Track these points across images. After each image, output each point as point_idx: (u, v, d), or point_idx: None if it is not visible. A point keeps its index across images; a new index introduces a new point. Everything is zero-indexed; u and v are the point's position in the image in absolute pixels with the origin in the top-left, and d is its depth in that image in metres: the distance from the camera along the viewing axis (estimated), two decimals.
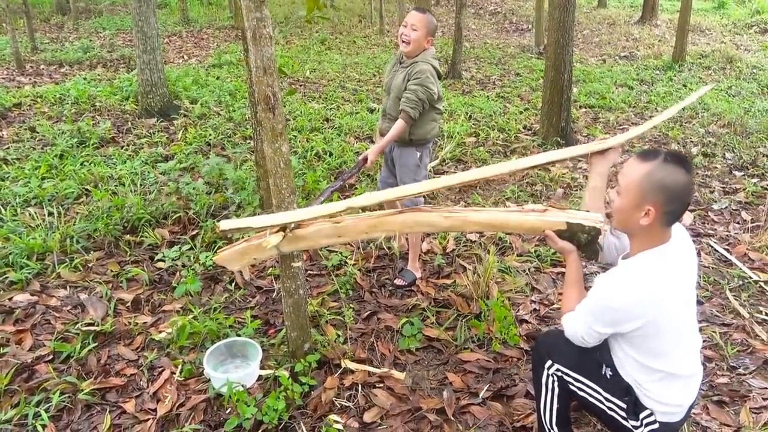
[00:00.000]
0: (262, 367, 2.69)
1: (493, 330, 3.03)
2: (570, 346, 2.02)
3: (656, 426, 1.87)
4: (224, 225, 2.35)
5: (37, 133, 5.81)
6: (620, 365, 1.94)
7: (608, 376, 1.97)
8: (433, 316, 3.18)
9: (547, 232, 2.10)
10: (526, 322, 3.20)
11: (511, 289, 3.42)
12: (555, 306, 3.33)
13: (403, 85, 3.16)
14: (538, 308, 3.33)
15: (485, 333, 3.04)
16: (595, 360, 2.01)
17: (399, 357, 2.90)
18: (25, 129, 5.95)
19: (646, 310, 1.75)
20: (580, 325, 1.92)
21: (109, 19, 14.16)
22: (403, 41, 3.17)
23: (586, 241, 2.05)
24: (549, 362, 2.07)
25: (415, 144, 3.25)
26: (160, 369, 2.77)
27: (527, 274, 3.63)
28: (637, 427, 1.90)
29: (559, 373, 2.06)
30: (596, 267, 3.67)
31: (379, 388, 2.67)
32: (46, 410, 2.47)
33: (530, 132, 6.50)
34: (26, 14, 10.42)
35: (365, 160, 3.23)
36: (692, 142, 6.22)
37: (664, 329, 1.78)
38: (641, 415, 1.88)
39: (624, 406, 1.92)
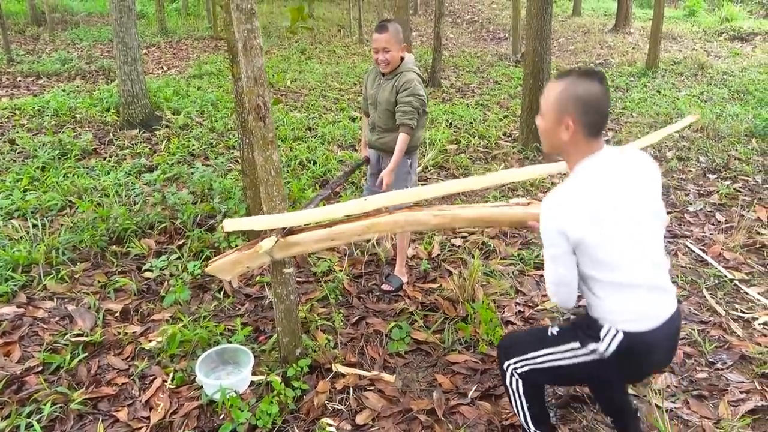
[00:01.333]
0: (253, 373, 2.72)
1: (480, 332, 3.10)
2: (518, 337, 2.15)
3: (621, 337, 1.82)
4: (228, 225, 2.41)
5: (17, 145, 5.77)
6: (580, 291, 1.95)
7: (554, 333, 2.01)
8: (420, 319, 3.24)
9: (530, 223, 2.19)
10: (512, 323, 3.27)
11: (496, 292, 3.50)
12: (539, 307, 3.41)
13: (392, 96, 3.21)
14: (522, 310, 3.40)
15: (472, 335, 3.11)
16: (536, 331, 2.10)
17: (388, 360, 2.95)
18: (4, 141, 5.91)
19: (584, 212, 1.76)
20: (547, 271, 1.91)
21: (86, 30, 14.07)
22: (382, 65, 3.21)
23: None
24: (506, 363, 2.13)
25: (405, 153, 3.31)
26: (151, 377, 2.78)
27: (511, 277, 3.71)
28: (604, 350, 1.85)
29: (517, 367, 2.09)
30: None
31: (370, 390, 2.71)
32: (38, 421, 2.47)
33: (510, 138, 6.62)
34: (1, 25, 10.31)
35: (359, 164, 3.33)
36: (667, 146, 6.39)
37: (610, 237, 1.77)
38: (601, 333, 1.86)
39: (578, 342, 1.92)
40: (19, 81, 9.07)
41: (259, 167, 2.40)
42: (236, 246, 3.79)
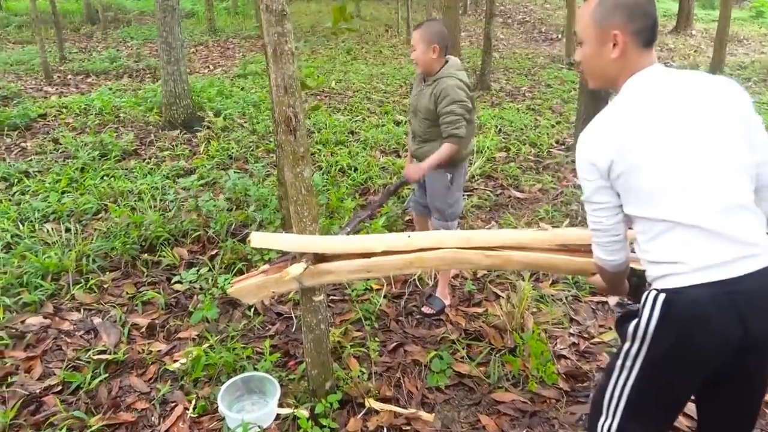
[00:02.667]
0: (280, 405, 2.51)
1: (530, 367, 2.81)
2: (596, 390, 1.78)
3: (662, 299, 1.47)
4: (255, 240, 2.21)
5: (60, 144, 5.76)
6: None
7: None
8: (463, 349, 2.96)
9: (592, 279, 1.89)
10: (565, 357, 2.96)
11: (548, 321, 3.19)
12: (596, 339, 3.09)
13: (430, 104, 2.98)
14: (577, 342, 3.09)
15: (521, 370, 2.82)
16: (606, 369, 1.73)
17: (427, 395, 2.69)
18: (49, 140, 5.91)
19: (615, 133, 1.52)
20: (586, 213, 1.66)
21: (137, 29, 14.25)
22: (415, 64, 3.06)
23: (635, 285, 1.82)
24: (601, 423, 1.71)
25: (445, 165, 3.05)
26: (172, 404, 2.60)
27: (565, 303, 3.39)
28: (644, 328, 1.50)
29: (605, 426, 1.67)
30: None
31: (406, 431, 2.46)
32: None
33: (563, 147, 6.24)
34: (55, 24, 10.51)
35: (397, 188, 3.11)
36: None
37: (648, 161, 1.48)
38: (643, 298, 1.53)
39: (622, 336, 1.60)
40: (70, 79, 9.19)
41: (288, 184, 2.18)
42: (269, 259, 3.61)
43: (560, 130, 6.86)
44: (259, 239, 2.26)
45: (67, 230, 3.94)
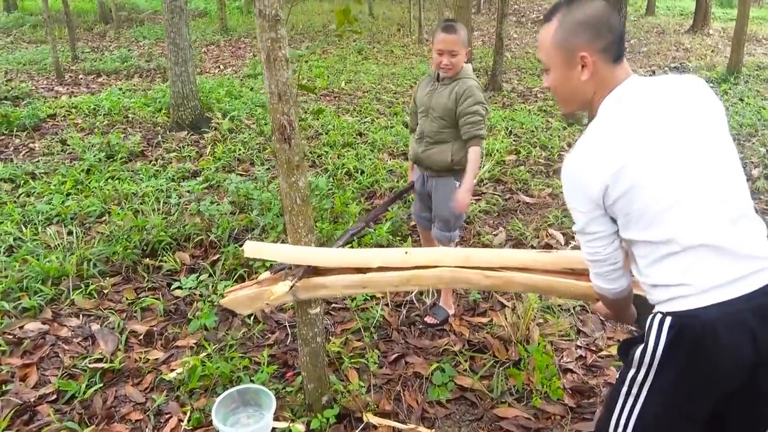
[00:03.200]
0: (276, 418, 2.44)
1: (534, 381, 2.72)
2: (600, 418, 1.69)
3: (669, 322, 1.39)
4: (248, 250, 2.16)
5: (68, 145, 5.75)
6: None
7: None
8: (466, 361, 2.88)
9: (595, 306, 1.79)
10: (571, 371, 2.87)
11: (554, 333, 3.10)
12: (604, 352, 3.00)
13: (449, 103, 2.86)
14: (584, 355, 3.00)
15: (525, 384, 2.73)
16: (609, 392, 1.67)
17: (428, 410, 2.61)
18: (57, 141, 5.91)
19: (606, 156, 1.40)
20: (580, 243, 1.56)
21: (149, 28, 14.30)
22: (444, 70, 2.88)
23: (643, 313, 1.73)
24: None
25: (454, 172, 2.96)
26: (167, 415, 2.55)
27: (572, 314, 3.30)
28: (652, 353, 1.42)
29: None
30: None
31: None
32: None
33: None
34: (68, 24, 10.54)
35: (407, 189, 3.02)
36: (752, 163, 5.76)
37: (644, 181, 1.38)
38: (647, 328, 1.45)
39: (627, 362, 1.51)
40: (81, 79, 9.21)
41: (283, 194, 2.12)
42: (271, 266, 3.55)
43: (572, 132, 6.74)
44: (252, 249, 2.20)
45: (70, 233, 3.92)
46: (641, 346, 1.45)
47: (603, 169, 1.40)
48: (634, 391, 1.50)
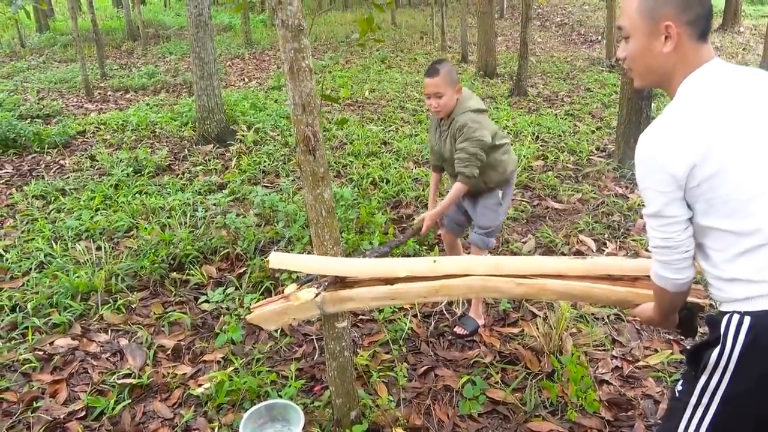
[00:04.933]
0: None
1: (569, 393, 2.63)
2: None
3: (748, 322, 1.32)
4: (274, 261, 2.13)
5: (97, 161, 5.84)
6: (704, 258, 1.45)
7: (680, 387, 1.50)
8: (497, 374, 2.80)
9: (635, 310, 1.71)
10: (607, 383, 2.77)
11: (588, 343, 3.00)
12: (641, 363, 2.89)
13: (453, 147, 2.89)
14: (620, 365, 2.89)
15: (559, 396, 2.64)
16: (669, 408, 1.57)
17: (459, 425, 2.54)
18: (86, 157, 6.00)
19: (695, 136, 1.32)
20: (651, 233, 1.46)
21: (176, 44, 14.53)
22: (434, 112, 2.89)
23: (684, 318, 1.65)
24: None
25: (495, 188, 3.00)
26: (195, 431, 2.53)
27: (606, 323, 3.20)
28: (728, 356, 1.34)
29: None
30: None
31: None
32: None
33: (604, 154, 6.00)
34: (96, 42, 10.76)
35: (419, 229, 2.95)
36: None
37: (739, 163, 1.31)
38: (721, 329, 1.36)
39: (699, 369, 1.41)
40: (109, 95, 9.38)
41: (308, 206, 2.08)
42: (297, 278, 3.52)
43: (600, 136, 6.61)
44: (277, 260, 2.18)
45: (99, 249, 3.95)
46: (717, 349, 1.36)
47: (691, 147, 1.32)
48: (705, 400, 1.41)
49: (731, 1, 14.25)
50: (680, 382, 1.50)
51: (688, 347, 1.45)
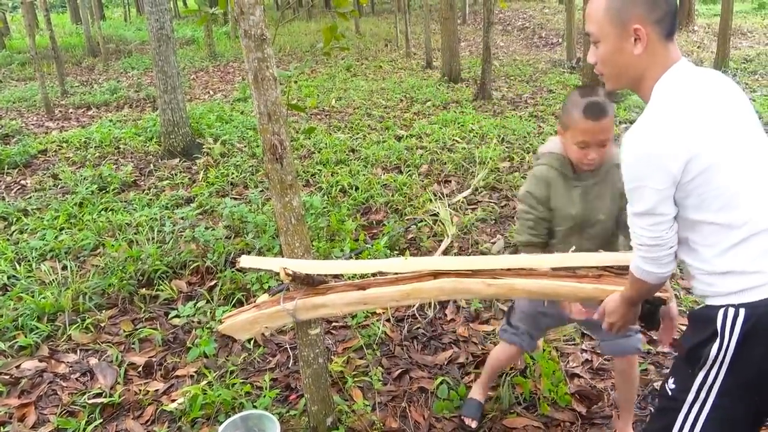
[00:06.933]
0: None
1: (541, 388, 2.68)
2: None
3: (743, 314, 1.32)
4: (245, 261, 2.14)
5: (60, 180, 5.72)
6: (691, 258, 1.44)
7: (672, 385, 1.50)
8: (468, 374, 2.83)
9: (598, 312, 1.74)
10: (578, 376, 2.83)
11: (559, 338, 3.06)
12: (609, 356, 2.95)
13: (620, 201, 2.08)
14: (590, 358, 2.95)
15: (532, 392, 2.69)
16: (658, 408, 1.59)
17: (435, 425, 2.56)
18: (48, 176, 5.88)
19: (686, 128, 1.33)
20: (637, 231, 1.44)
21: (138, 59, 14.35)
22: (587, 165, 2.02)
23: (647, 312, 1.69)
24: None
25: None
26: None
27: None
28: (725, 349, 1.35)
29: None
30: None
31: None
32: None
33: None
34: (56, 59, 10.57)
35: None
36: None
37: (726, 157, 1.33)
38: (717, 324, 1.35)
39: (695, 366, 1.41)
40: (71, 113, 9.21)
41: (277, 214, 2.09)
42: (269, 288, 3.52)
43: None
44: (247, 261, 2.18)
45: (64, 268, 3.87)
46: (716, 344, 1.36)
47: (686, 141, 1.32)
48: (702, 395, 1.41)
49: (684, 1, 14.68)
50: (671, 381, 1.49)
51: (685, 347, 1.46)
